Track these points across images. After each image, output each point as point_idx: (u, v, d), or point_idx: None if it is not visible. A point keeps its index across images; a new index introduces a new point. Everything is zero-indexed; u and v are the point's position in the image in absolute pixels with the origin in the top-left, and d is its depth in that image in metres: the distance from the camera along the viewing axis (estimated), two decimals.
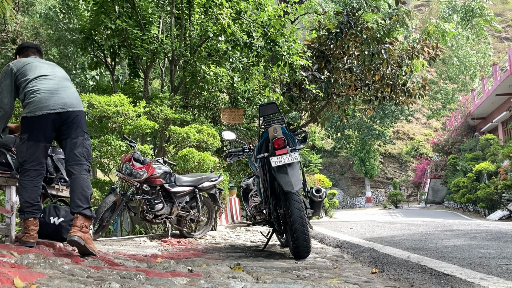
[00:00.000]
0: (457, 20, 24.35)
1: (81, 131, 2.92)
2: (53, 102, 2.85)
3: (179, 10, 7.34)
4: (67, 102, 2.90)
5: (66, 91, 2.98)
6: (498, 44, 43.74)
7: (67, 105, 2.90)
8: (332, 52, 8.94)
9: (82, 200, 2.75)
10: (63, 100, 2.89)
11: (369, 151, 30.98)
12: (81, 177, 2.83)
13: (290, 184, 2.93)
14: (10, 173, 3.20)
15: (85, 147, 2.91)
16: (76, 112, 2.93)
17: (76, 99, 3.00)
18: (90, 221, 2.77)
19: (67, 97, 2.94)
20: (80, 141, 2.90)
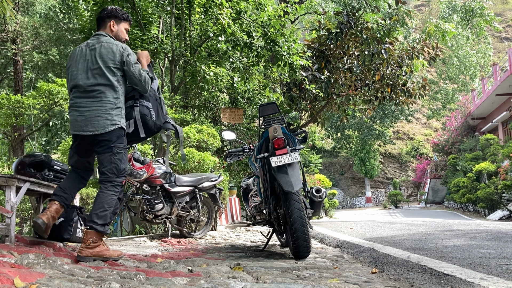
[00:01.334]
0: (457, 20, 24.33)
1: (108, 147, 2.81)
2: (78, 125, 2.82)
3: (179, 10, 7.34)
4: (85, 125, 2.81)
5: (87, 107, 2.81)
6: (498, 44, 43.75)
7: (86, 128, 2.80)
8: (332, 52, 8.94)
9: (99, 217, 2.69)
10: (84, 123, 2.80)
11: (369, 151, 30.99)
12: (104, 194, 2.75)
13: (290, 184, 2.93)
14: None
15: (114, 162, 2.78)
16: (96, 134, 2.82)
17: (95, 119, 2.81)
18: (101, 235, 2.72)
19: (86, 117, 2.81)
20: (107, 158, 2.80)
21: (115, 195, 2.77)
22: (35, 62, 11.51)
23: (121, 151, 2.81)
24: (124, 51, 2.83)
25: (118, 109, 2.80)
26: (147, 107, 3.00)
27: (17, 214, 5.95)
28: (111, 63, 2.79)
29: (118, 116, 2.80)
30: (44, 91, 5.17)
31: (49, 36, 11.22)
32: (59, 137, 13.60)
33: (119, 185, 2.80)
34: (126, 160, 2.86)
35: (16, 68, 10.41)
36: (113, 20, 2.97)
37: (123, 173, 2.83)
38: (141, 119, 2.96)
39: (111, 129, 2.75)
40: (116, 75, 2.80)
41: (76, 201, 4.34)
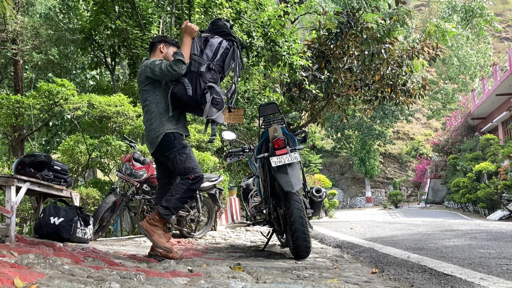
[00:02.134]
0: (457, 20, 24.34)
1: (165, 156, 3.01)
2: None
3: (179, 10, 7.34)
4: (148, 145, 3.11)
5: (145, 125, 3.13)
6: (498, 44, 43.75)
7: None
8: (332, 52, 8.94)
9: (165, 200, 2.91)
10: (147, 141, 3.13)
11: (369, 151, 30.99)
12: (176, 184, 3.00)
13: (290, 184, 2.92)
14: None
15: (175, 167, 2.97)
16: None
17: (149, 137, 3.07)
18: (162, 218, 2.90)
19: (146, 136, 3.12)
20: (170, 165, 3.02)
21: (184, 185, 2.92)
22: (35, 62, 11.51)
23: (175, 154, 2.95)
24: (145, 67, 3.02)
25: (157, 119, 2.99)
26: (183, 83, 3.00)
27: (17, 214, 5.95)
28: (141, 85, 3.07)
29: (159, 125, 2.97)
30: (44, 91, 5.17)
31: (49, 36, 11.21)
32: (59, 137, 13.60)
33: (188, 179, 2.93)
34: (186, 159, 2.94)
35: (16, 68, 10.42)
36: (163, 44, 3.21)
37: (188, 170, 2.93)
38: (172, 97, 3.01)
39: (159, 140, 2.96)
40: (147, 90, 3.03)
41: (76, 201, 4.34)
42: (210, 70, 3.04)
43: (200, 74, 3.00)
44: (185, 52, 3.01)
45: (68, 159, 5.70)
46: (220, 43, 3.11)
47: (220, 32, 3.17)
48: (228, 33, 3.17)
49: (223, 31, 3.17)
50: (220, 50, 3.11)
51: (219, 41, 3.12)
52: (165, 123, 2.96)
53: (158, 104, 3.00)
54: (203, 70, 3.02)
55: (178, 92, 2.96)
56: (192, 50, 3.09)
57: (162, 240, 2.88)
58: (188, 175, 2.92)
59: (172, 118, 2.99)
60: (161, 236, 2.89)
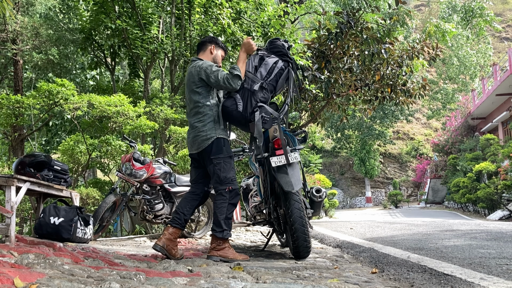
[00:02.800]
0: (457, 20, 24.35)
1: (209, 160, 3.03)
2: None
3: (179, 10, 7.34)
4: (191, 145, 3.15)
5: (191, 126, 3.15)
6: (498, 44, 43.76)
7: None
8: (332, 52, 8.93)
9: (215, 224, 2.98)
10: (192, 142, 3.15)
11: (369, 151, 30.98)
12: (215, 204, 3.02)
13: (290, 184, 2.92)
14: None
15: (215, 173, 3.00)
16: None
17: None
18: (223, 240, 2.97)
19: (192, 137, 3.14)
20: (211, 169, 3.04)
21: (224, 202, 2.98)
22: (35, 62, 11.50)
23: (220, 161, 3.00)
24: (200, 69, 3.04)
25: (209, 123, 3.02)
26: (234, 98, 3.05)
27: (17, 214, 5.95)
28: (193, 85, 3.06)
29: (212, 129, 3.02)
30: (44, 91, 5.17)
31: (49, 36, 11.21)
32: (59, 137, 13.60)
33: (225, 192, 2.99)
34: (229, 168, 3.00)
35: (16, 68, 10.41)
36: (214, 45, 3.25)
37: (228, 181, 2.99)
38: (223, 110, 3.08)
39: (208, 143, 3.00)
40: (200, 92, 3.05)
41: (76, 201, 4.34)
42: (262, 89, 3.09)
43: (253, 93, 3.05)
44: (242, 68, 3.05)
45: (68, 159, 5.70)
46: (275, 63, 3.15)
47: (277, 52, 3.21)
48: (284, 53, 3.21)
49: (280, 51, 3.21)
50: (275, 70, 3.13)
51: (275, 61, 3.16)
52: (217, 128, 3.03)
53: (212, 108, 3.05)
54: (256, 89, 3.06)
55: (229, 106, 3.04)
56: (246, 67, 3.13)
57: (236, 255, 2.98)
58: (226, 186, 2.97)
59: (223, 125, 3.12)
60: (234, 252, 2.99)
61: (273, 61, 3.15)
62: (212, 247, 2.98)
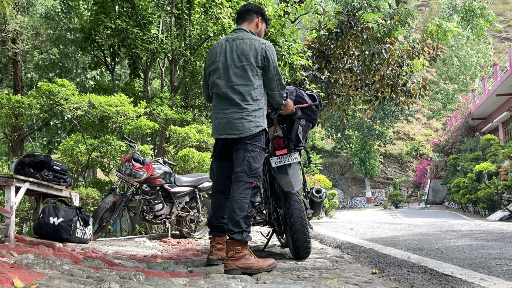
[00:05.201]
0: (457, 20, 24.32)
1: (245, 145, 2.58)
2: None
3: (179, 10, 7.33)
4: (229, 128, 2.64)
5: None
6: (499, 44, 43.76)
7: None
8: (333, 52, 8.93)
9: (232, 224, 2.43)
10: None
11: (369, 151, 30.97)
12: (234, 197, 2.49)
13: (290, 185, 2.92)
14: None
15: (247, 160, 2.54)
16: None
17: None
18: (243, 244, 2.44)
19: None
20: (241, 156, 2.56)
21: (245, 197, 2.49)
22: (35, 62, 11.51)
23: (256, 150, 2.57)
24: (268, 50, 2.64)
25: (260, 110, 2.62)
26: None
27: (17, 214, 5.95)
28: (253, 60, 2.59)
29: (261, 117, 2.62)
30: (44, 91, 5.17)
31: (49, 36, 11.22)
32: (59, 137, 13.60)
33: (250, 187, 2.52)
34: (261, 161, 2.61)
35: (16, 68, 10.42)
36: (260, 17, 2.83)
37: (256, 174, 2.56)
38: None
39: (256, 131, 2.57)
40: (258, 73, 2.62)
41: (76, 202, 4.34)
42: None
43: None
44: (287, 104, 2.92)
45: (68, 159, 5.70)
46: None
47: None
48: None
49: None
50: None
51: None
52: (265, 119, 2.66)
53: (264, 96, 2.67)
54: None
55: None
56: None
57: (261, 263, 2.46)
58: (253, 179, 2.53)
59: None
60: (256, 259, 2.48)
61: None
62: (229, 257, 2.39)
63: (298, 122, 3.03)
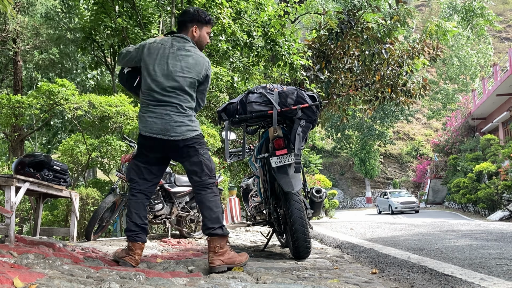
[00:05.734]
0: (457, 20, 24.32)
1: (193, 148, 2.64)
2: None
3: (179, 10, 7.33)
4: (166, 130, 2.62)
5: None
6: (499, 44, 43.76)
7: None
8: (333, 52, 8.94)
9: (212, 221, 2.52)
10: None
11: (369, 151, 30.99)
12: (206, 198, 2.57)
13: (290, 185, 2.92)
14: None
15: (204, 163, 2.61)
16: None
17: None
18: (225, 238, 2.54)
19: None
20: (195, 160, 2.63)
21: (216, 195, 2.60)
22: (36, 61, 11.52)
23: (206, 151, 2.65)
24: (208, 66, 2.72)
25: (193, 118, 2.68)
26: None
27: (17, 214, 5.95)
28: (196, 76, 2.64)
29: (197, 122, 2.69)
30: (44, 91, 5.17)
31: (49, 35, 11.22)
32: (59, 137, 13.60)
33: (214, 186, 2.63)
34: (212, 161, 2.69)
35: (16, 68, 10.42)
36: (195, 25, 2.75)
37: (213, 173, 2.65)
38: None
39: (193, 135, 2.60)
40: (194, 87, 2.67)
41: (76, 202, 4.33)
42: None
43: None
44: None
45: (68, 159, 5.70)
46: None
47: None
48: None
49: None
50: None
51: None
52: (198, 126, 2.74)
53: (195, 106, 2.73)
54: None
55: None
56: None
57: (239, 257, 2.56)
58: (214, 179, 2.63)
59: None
60: (235, 253, 2.57)
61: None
62: (215, 253, 2.48)
63: (298, 123, 3.03)
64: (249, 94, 3.15)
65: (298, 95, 3.09)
